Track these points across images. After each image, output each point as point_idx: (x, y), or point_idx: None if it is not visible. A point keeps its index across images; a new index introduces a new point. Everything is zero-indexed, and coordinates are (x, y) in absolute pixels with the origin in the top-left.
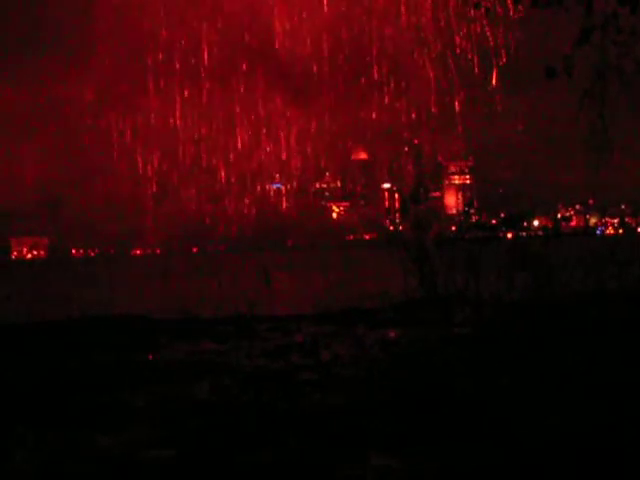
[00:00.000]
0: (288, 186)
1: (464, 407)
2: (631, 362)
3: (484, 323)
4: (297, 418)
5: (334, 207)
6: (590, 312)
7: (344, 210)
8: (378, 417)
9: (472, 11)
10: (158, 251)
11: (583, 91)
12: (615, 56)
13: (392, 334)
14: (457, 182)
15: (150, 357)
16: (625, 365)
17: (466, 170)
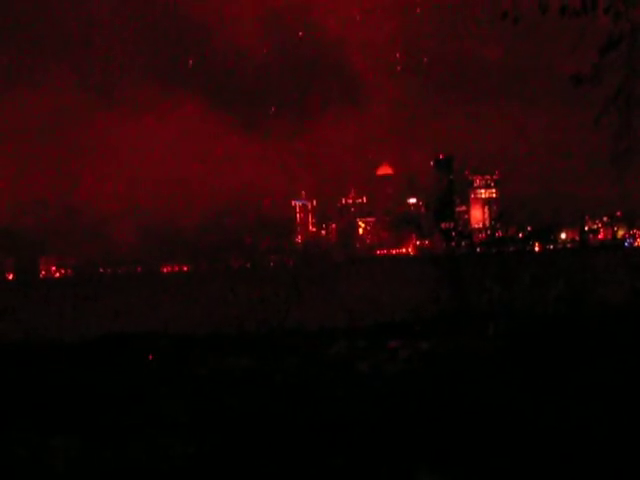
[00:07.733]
0: (314, 202)
1: (504, 423)
2: None
3: (518, 337)
4: (337, 433)
5: (360, 223)
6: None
7: (370, 225)
8: (420, 432)
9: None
10: (185, 267)
11: (608, 98)
12: None
13: (426, 348)
14: (483, 196)
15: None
16: None
17: (492, 184)
